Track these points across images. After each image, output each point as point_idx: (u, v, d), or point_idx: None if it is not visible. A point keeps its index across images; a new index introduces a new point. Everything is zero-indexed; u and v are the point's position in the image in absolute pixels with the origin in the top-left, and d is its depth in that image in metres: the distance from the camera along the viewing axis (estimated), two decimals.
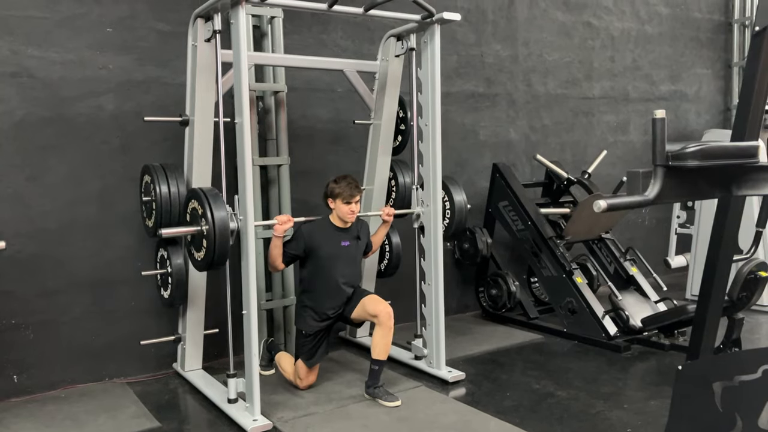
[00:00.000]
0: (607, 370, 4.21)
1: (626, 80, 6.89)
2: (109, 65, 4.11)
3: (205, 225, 3.24)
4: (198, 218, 3.31)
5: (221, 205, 3.27)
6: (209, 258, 3.27)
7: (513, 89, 6.06)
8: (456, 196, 4.31)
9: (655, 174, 1.92)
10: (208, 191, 3.32)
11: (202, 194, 3.29)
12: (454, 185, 4.35)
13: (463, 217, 4.33)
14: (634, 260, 5.34)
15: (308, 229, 3.78)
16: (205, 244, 3.27)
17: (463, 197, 4.33)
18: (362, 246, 3.94)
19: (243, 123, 3.27)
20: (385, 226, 4.12)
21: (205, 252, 3.29)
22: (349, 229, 3.85)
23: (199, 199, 3.30)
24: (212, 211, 3.22)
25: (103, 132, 4.11)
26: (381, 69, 4.35)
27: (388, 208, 4.11)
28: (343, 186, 3.74)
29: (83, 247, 4.06)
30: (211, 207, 3.23)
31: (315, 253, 3.75)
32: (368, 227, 4.09)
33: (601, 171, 5.98)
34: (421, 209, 4.15)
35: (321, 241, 3.75)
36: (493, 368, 4.31)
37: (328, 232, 3.80)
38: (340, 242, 3.80)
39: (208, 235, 3.23)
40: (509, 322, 5.35)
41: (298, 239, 3.76)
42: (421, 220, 4.16)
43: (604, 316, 4.72)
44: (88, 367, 4.10)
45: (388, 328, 3.69)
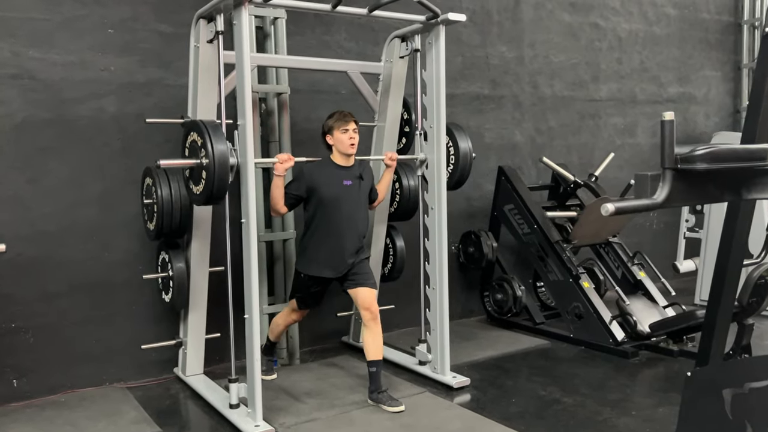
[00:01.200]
0: (614, 377, 4.19)
1: (634, 82, 6.87)
2: (110, 67, 4.12)
3: (205, 158, 3.21)
4: (197, 150, 3.27)
5: (221, 137, 3.23)
6: (208, 191, 3.22)
7: (519, 91, 6.05)
8: (461, 143, 4.27)
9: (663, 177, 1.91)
10: (208, 123, 3.28)
11: (202, 126, 3.24)
12: (459, 131, 4.31)
13: (467, 165, 4.28)
14: (642, 264, 5.32)
15: (309, 168, 3.75)
16: (204, 176, 3.23)
17: (469, 144, 4.28)
18: (366, 187, 3.88)
19: (245, 125, 3.27)
20: (389, 172, 4.08)
21: (204, 185, 3.24)
22: (351, 168, 3.80)
23: (199, 130, 3.25)
24: (212, 143, 3.18)
25: (105, 134, 4.12)
26: (385, 70, 4.35)
27: (391, 153, 4.08)
28: (336, 116, 3.74)
29: (84, 250, 4.07)
30: (211, 138, 3.19)
31: (316, 193, 3.71)
32: (372, 171, 4.05)
33: (609, 174, 5.97)
34: (424, 155, 4.12)
35: (322, 180, 3.71)
36: (498, 374, 4.30)
37: (330, 171, 3.75)
38: (342, 181, 3.75)
39: (208, 167, 3.19)
40: (515, 327, 5.34)
41: (299, 179, 3.73)
42: (425, 167, 4.12)
43: (611, 321, 4.71)
44: (88, 372, 4.11)
45: (375, 329, 3.71)
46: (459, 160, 4.28)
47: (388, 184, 4.14)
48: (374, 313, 3.71)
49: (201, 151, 3.23)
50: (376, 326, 3.71)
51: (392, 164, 4.06)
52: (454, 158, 4.29)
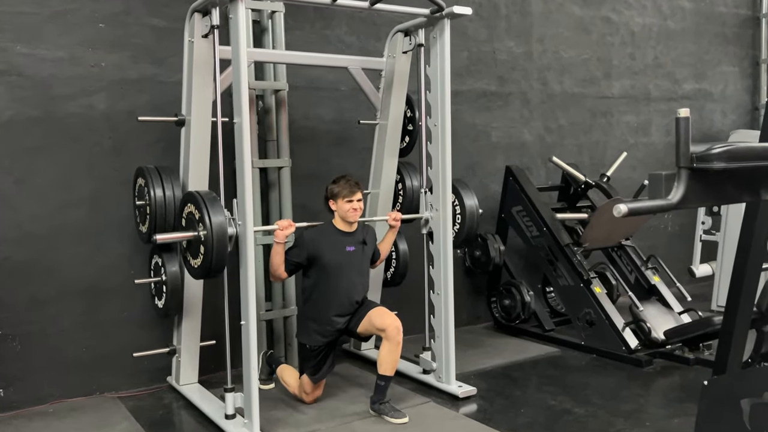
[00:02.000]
0: (627, 386, 4.19)
1: (647, 78, 6.88)
2: (101, 63, 4.13)
3: (202, 230, 3.25)
4: (194, 223, 3.32)
5: (219, 209, 3.28)
6: (206, 265, 3.28)
7: (527, 88, 6.06)
8: (467, 201, 4.31)
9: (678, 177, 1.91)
10: (205, 195, 3.33)
11: (199, 198, 3.30)
12: (465, 189, 4.35)
13: (474, 223, 4.33)
14: (656, 269, 5.32)
15: (311, 234, 3.79)
16: (203, 251, 3.28)
17: (475, 201, 4.33)
18: (369, 252, 3.93)
19: (242, 123, 3.28)
20: (392, 232, 4.12)
21: (203, 259, 3.29)
22: (354, 233, 3.85)
23: (196, 202, 3.31)
24: (210, 216, 3.23)
25: (95, 133, 4.13)
26: (387, 66, 4.36)
27: (395, 213, 4.11)
28: (342, 184, 3.76)
29: (73, 253, 4.08)
30: (209, 211, 3.24)
31: (318, 260, 3.75)
32: (375, 233, 4.09)
33: (621, 174, 5.97)
34: (429, 214, 4.15)
35: (324, 246, 3.75)
36: (506, 383, 4.30)
37: (332, 237, 3.80)
38: (344, 247, 3.80)
39: (206, 241, 3.24)
40: (523, 334, 5.34)
41: (300, 246, 3.77)
42: (429, 226, 4.16)
43: (624, 328, 4.71)
44: (78, 381, 4.11)
45: (396, 343, 3.68)
46: (466, 219, 4.32)
47: (391, 244, 4.18)
48: (397, 327, 3.68)
49: (198, 224, 3.29)
50: (397, 342, 3.67)
51: (396, 224, 4.09)
52: (460, 217, 4.32)
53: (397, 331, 3.68)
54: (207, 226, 3.22)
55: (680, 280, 5.33)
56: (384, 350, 3.70)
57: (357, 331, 3.84)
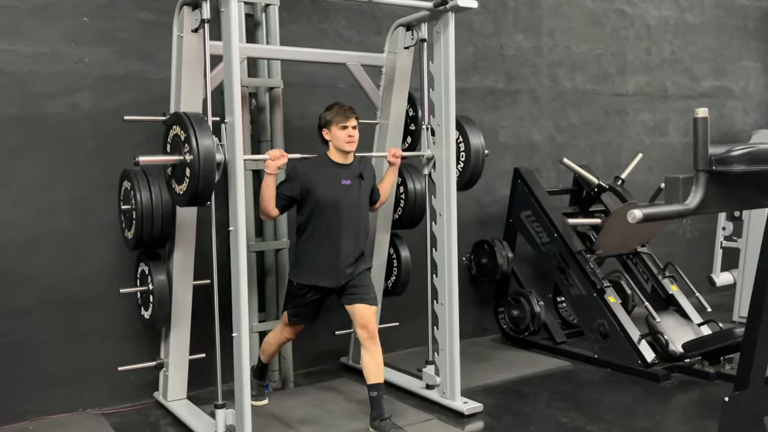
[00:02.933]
0: (643, 402, 4.18)
1: (664, 75, 6.88)
2: (85, 59, 4.14)
3: (189, 153, 3.21)
4: (180, 146, 3.27)
5: (207, 132, 3.23)
6: (192, 190, 3.22)
7: (536, 85, 6.06)
8: (472, 139, 4.25)
9: (696, 180, 1.91)
10: (192, 116, 3.29)
11: (185, 118, 3.25)
12: (470, 125, 4.30)
13: (479, 163, 4.27)
14: (674, 277, 5.31)
15: (304, 166, 3.75)
16: (188, 174, 3.22)
17: (481, 140, 4.28)
18: (366, 188, 3.88)
19: (234, 123, 3.28)
20: (392, 171, 4.10)
21: (188, 184, 3.23)
22: (350, 165, 3.81)
23: (183, 124, 3.25)
24: (197, 138, 3.18)
25: (79, 133, 4.13)
26: (388, 62, 4.36)
27: (395, 149, 4.09)
28: (335, 110, 3.74)
29: (55, 261, 4.07)
30: (196, 133, 3.19)
31: (312, 194, 3.71)
32: (373, 171, 4.06)
33: (636, 177, 5.96)
34: (431, 152, 4.12)
35: (318, 179, 3.71)
36: (514, 399, 4.29)
37: (326, 169, 3.75)
38: (340, 180, 3.75)
39: (192, 164, 3.19)
40: (533, 347, 5.33)
41: (292, 178, 3.73)
42: (433, 163, 4.12)
43: (640, 340, 4.70)
44: (60, 396, 4.10)
45: (374, 349, 3.70)
46: (470, 156, 4.28)
47: (392, 183, 4.15)
48: (371, 332, 3.71)
49: (184, 146, 3.24)
50: (374, 346, 3.70)
51: (396, 161, 4.07)
52: (465, 155, 4.29)
53: (371, 337, 3.69)
54: (193, 148, 3.17)
55: (700, 289, 5.31)
56: (366, 358, 3.72)
57: (344, 305, 3.82)
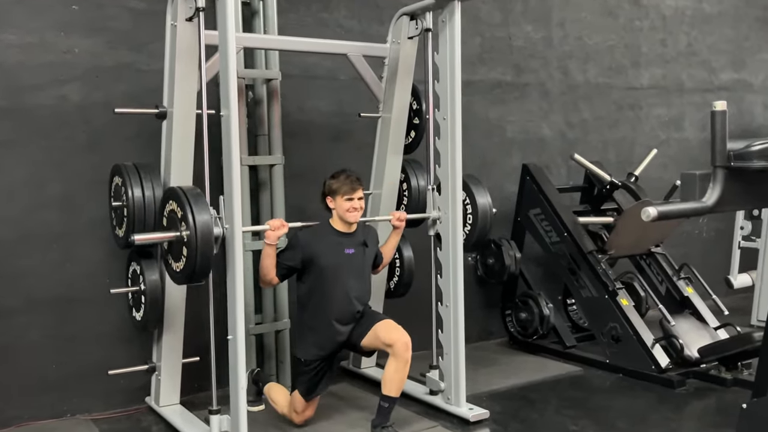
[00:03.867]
0: (657, 409, 4.18)
1: (680, 67, 6.87)
2: (74, 49, 4.14)
3: (185, 230, 3.25)
4: (176, 222, 3.32)
5: (204, 207, 3.28)
6: (190, 268, 3.27)
7: (546, 78, 6.05)
8: (479, 199, 4.30)
9: (714, 177, 1.91)
10: (188, 190, 3.33)
11: (181, 194, 3.30)
12: (477, 185, 4.34)
13: (487, 223, 4.31)
14: (689, 279, 5.31)
15: (306, 235, 3.79)
16: (185, 253, 3.27)
17: (488, 200, 4.32)
18: (370, 255, 3.94)
19: (230, 116, 3.28)
20: (396, 234, 4.12)
21: (185, 262, 3.29)
22: (353, 234, 3.85)
23: (178, 199, 3.30)
24: (193, 214, 3.22)
25: (68, 126, 4.14)
26: (391, 53, 4.36)
27: (399, 212, 4.12)
28: (341, 180, 3.76)
29: (43, 260, 4.08)
30: (192, 209, 3.23)
31: (314, 263, 3.75)
32: (377, 235, 4.10)
33: (651, 173, 5.96)
34: (437, 213, 4.15)
35: (321, 249, 3.75)
36: (522, 406, 4.30)
37: (329, 239, 3.80)
38: (343, 249, 3.80)
39: (189, 242, 3.23)
40: (541, 351, 5.34)
41: (294, 248, 3.77)
42: (437, 227, 4.16)
43: (653, 344, 4.70)
44: (48, 401, 4.12)
45: (404, 361, 3.68)
46: (478, 219, 4.30)
47: (395, 247, 4.18)
48: (406, 342, 3.68)
49: (181, 223, 3.29)
50: (406, 360, 3.67)
51: (400, 225, 4.09)
52: (472, 218, 4.32)
53: (405, 347, 3.68)
54: (190, 225, 3.22)
55: (716, 291, 5.32)
56: (390, 368, 3.70)
57: (360, 344, 3.84)
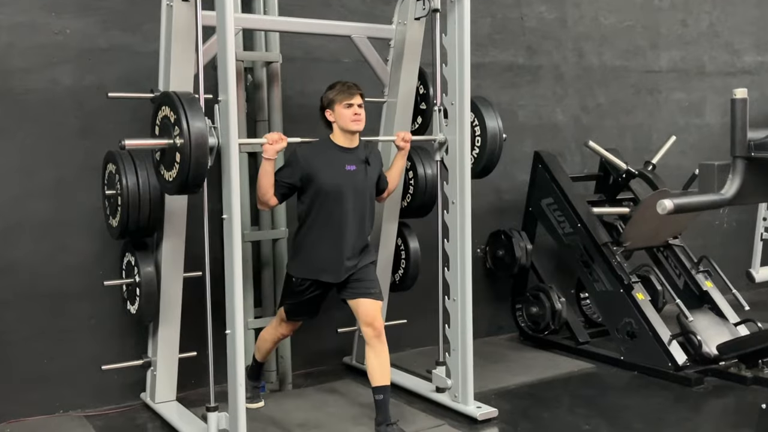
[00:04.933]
0: (674, 408, 4.19)
1: (701, 49, 6.83)
2: (66, 30, 4.15)
3: (179, 137, 3.23)
4: (170, 128, 3.28)
5: (199, 112, 3.25)
6: (183, 177, 3.24)
7: (560, 60, 6.03)
8: (489, 122, 4.24)
9: (733, 167, 1.91)
10: (183, 95, 3.30)
11: (176, 98, 3.26)
12: (486, 107, 4.29)
13: (496, 147, 4.28)
14: (708, 272, 5.30)
15: (304, 151, 3.76)
16: (179, 160, 3.24)
17: (498, 123, 4.27)
18: (373, 174, 3.89)
19: (228, 101, 3.28)
20: (401, 156, 4.11)
21: (179, 170, 3.25)
22: (355, 150, 3.82)
23: (172, 103, 3.26)
24: (188, 120, 3.20)
25: (59, 111, 4.14)
26: (397, 35, 4.35)
27: (404, 132, 4.10)
28: (338, 87, 3.75)
29: (34, 251, 4.10)
30: (187, 114, 3.21)
31: (314, 180, 3.72)
32: (380, 157, 4.08)
33: (669, 161, 5.94)
34: (444, 135, 4.13)
35: (320, 164, 3.72)
36: (532, 404, 4.31)
37: (330, 154, 3.77)
38: (344, 165, 3.76)
39: (182, 148, 3.20)
40: (553, 347, 5.35)
41: (292, 164, 3.75)
42: (446, 148, 4.13)
43: (670, 341, 4.70)
44: (39, 397, 4.14)
45: (380, 347, 3.70)
46: (486, 141, 4.27)
47: (401, 170, 4.16)
48: (378, 329, 3.72)
49: (174, 128, 3.26)
50: (380, 345, 3.71)
51: (405, 146, 4.07)
52: (480, 140, 4.29)
53: (376, 335, 3.70)
54: (184, 131, 3.19)
55: (737, 285, 5.30)
56: (371, 359, 3.71)
57: (346, 300, 3.85)
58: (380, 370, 3.70)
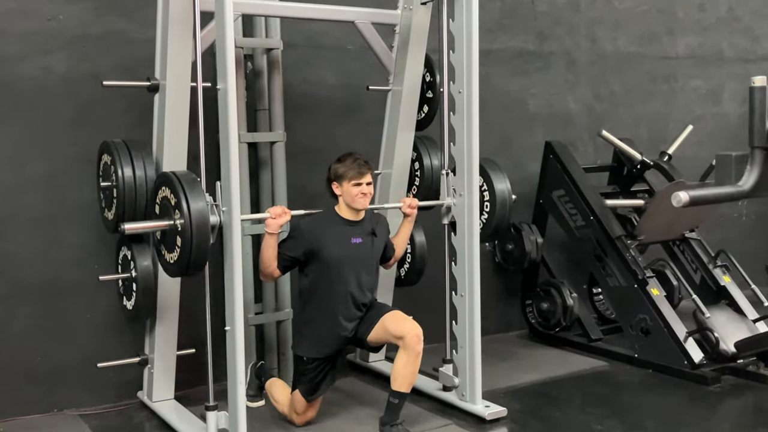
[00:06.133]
0: (689, 408, 4.21)
1: (720, 35, 6.81)
2: (59, 15, 4.15)
3: (179, 218, 3.29)
4: (170, 210, 3.36)
5: (199, 193, 3.31)
6: (184, 260, 3.32)
7: (573, 46, 6.02)
8: (497, 184, 4.31)
9: (751, 158, 1.92)
10: (182, 176, 3.37)
11: (175, 180, 3.33)
12: (495, 170, 4.35)
13: (505, 211, 4.33)
14: (726, 267, 5.30)
15: (309, 224, 3.81)
16: (180, 243, 3.32)
17: (507, 186, 4.33)
18: (379, 246, 3.96)
19: (227, 89, 3.30)
20: (408, 223, 4.14)
21: (179, 253, 3.33)
22: (361, 222, 3.87)
23: (172, 185, 3.34)
24: (188, 202, 3.26)
25: (52, 100, 4.16)
26: (403, 20, 4.36)
27: (411, 199, 4.13)
28: (348, 163, 3.77)
29: (26, 245, 4.12)
30: (187, 196, 3.28)
31: (318, 254, 3.77)
32: (387, 223, 4.12)
33: (686, 152, 5.94)
34: (452, 200, 4.16)
35: (326, 238, 3.78)
36: (542, 403, 4.33)
37: (335, 227, 3.82)
38: (350, 239, 3.82)
39: (183, 231, 3.28)
40: (564, 344, 5.36)
41: (296, 237, 3.79)
42: (452, 214, 4.18)
43: (686, 338, 4.71)
44: (33, 395, 4.17)
45: (415, 353, 3.70)
46: (496, 207, 4.29)
47: (407, 237, 4.20)
48: (417, 334, 3.69)
49: (174, 211, 3.32)
50: (417, 352, 3.69)
51: (412, 213, 4.10)
52: (489, 205, 4.31)
53: (417, 339, 3.70)
54: (184, 213, 3.26)
55: (756, 280, 5.31)
56: (400, 362, 3.72)
57: (367, 339, 3.87)
58: (407, 378, 3.72)
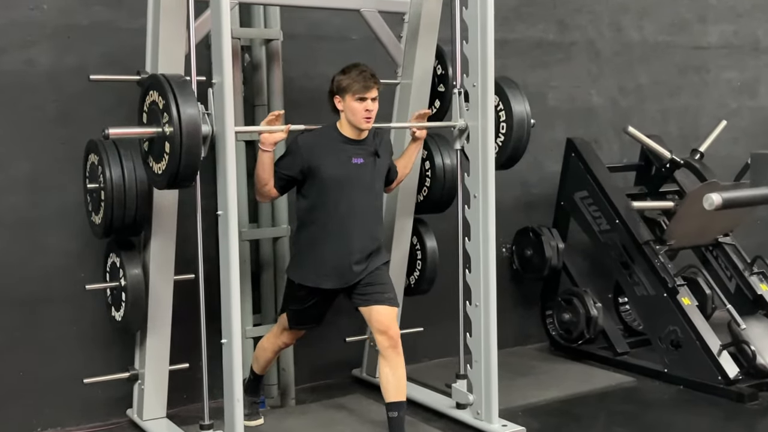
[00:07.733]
0: (724, 428, 4.20)
1: (756, 22, 6.80)
2: (42, 5, 4.16)
3: (168, 125, 3.24)
4: (158, 115, 3.30)
5: (191, 97, 3.27)
6: (173, 168, 3.25)
7: (596, 36, 6.02)
8: (515, 106, 4.20)
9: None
10: (172, 78, 3.32)
11: (164, 81, 3.27)
12: (513, 89, 4.25)
13: (523, 135, 4.24)
14: (763, 274, 5.29)
15: (307, 139, 3.76)
16: (168, 149, 3.25)
17: (526, 107, 4.23)
18: (382, 168, 3.90)
19: (223, 83, 3.30)
20: (415, 146, 4.12)
21: (168, 161, 3.26)
22: (363, 141, 3.82)
23: (161, 88, 3.27)
24: (178, 105, 3.21)
25: (35, 95, 4.17)
26: (412, 8, 4.36)
27: (422, 111, 4.11)
28: (353, 75, 3.71)
29: (7, 251, 4.13)
30: (177, 99, 3.22)
31: (316, 173, 3.72)
32: (390, 144, 4.09)
33: (719, 150, 5.92)
34: (464, 122, 4.11)
35: (324, 156, 3.72)
36: (564, 422, 4.32)
37: (335, 145, 3.77)
38: (350, 158, 3.77)
39: (172, 137, 3.22)
40: (588, 358, 5.35)
41: (292, 153, 3.75)
42: (467, 135, 4.11)
43: (720, 351, 4.69)
44: (14, 414, 4.17)
45: (397, 356, 3.71)
46: (512, 128, 4.25)
47: (413, 160, 4.17)
48: (394, 338, 3.73)
49: (163, 115, 3.27)
50: (396, 357, 3.72)
51: (421, 135, 4.08)
52: (505, 126, 4.27)
53: (392, 345, 3.71)
54: (174, 119, 3.21)
55: None
56: (385, 372, 3.73)
57: (357, 307, 3.85)
58: (395, 385, 3.71)
